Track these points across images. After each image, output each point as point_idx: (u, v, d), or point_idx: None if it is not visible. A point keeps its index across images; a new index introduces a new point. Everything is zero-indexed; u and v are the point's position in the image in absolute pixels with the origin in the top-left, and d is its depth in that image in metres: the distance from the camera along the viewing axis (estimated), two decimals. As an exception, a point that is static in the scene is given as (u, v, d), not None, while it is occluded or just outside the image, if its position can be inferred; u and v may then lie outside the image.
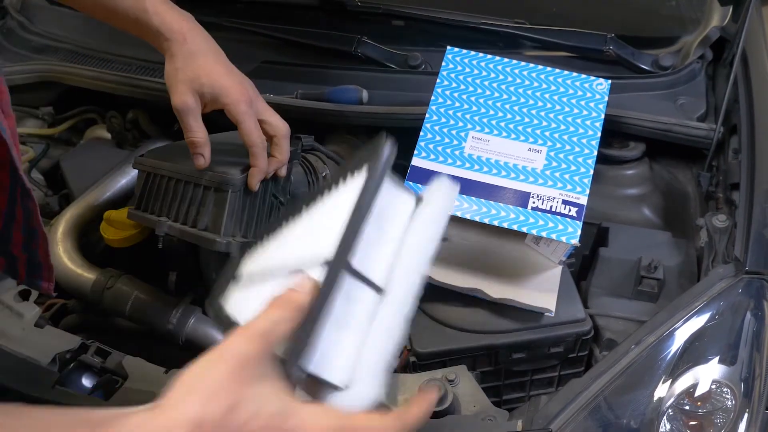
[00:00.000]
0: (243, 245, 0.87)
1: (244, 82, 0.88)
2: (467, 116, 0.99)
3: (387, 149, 0.52)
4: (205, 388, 0.46)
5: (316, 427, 0.47)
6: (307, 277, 0.50)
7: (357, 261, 0.50)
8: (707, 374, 0.79)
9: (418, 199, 0.59)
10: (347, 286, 0.50)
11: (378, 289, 0.52)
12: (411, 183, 0.93)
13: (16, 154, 0.70)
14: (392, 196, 0.56)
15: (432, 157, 0.95)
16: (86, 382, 0.87)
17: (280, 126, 0.91)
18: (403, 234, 0.56)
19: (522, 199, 0.91)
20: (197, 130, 0.85)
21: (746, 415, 0.78)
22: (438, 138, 0.97)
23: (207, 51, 0.87)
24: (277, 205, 0.97)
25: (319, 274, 0.49)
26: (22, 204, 0.77)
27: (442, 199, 0.59)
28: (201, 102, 0.86)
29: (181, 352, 0.96)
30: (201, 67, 0.85)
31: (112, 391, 0.85)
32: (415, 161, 0.95)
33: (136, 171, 0.99)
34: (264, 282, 0.54)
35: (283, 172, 0.94)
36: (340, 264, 0.48)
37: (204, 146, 0.86)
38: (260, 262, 0.56)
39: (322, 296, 0.48)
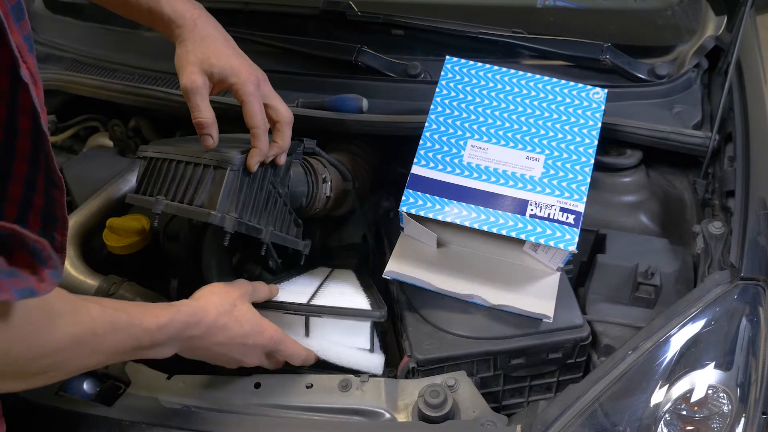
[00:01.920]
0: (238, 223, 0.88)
1: (253, 65, 0.90)
2: (466, 125, 1.00)
3: None
4: (224, 292, 0.85)
5: (271, 329, 0.87)
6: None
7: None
8: (704, 379, 0.80)
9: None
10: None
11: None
12: (411, 191, 0.94)
13: (48, 143, 0.71)
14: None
15: (432, 165, 0.96)
16: (89, 388, 0.88)
17: (284, 112, 0.92)
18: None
19: (520, 206, 0.92)
20: (204, 110, 0.86)
21: (743, 420, 0.78)
22: (437, 146, 0.98)
23: (217, 35, 0.89)
24: (275, 195, 0.98)
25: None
26: (45, 192, 0.78)
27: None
28: (210, 83, 0.87)
29: (182, 358, 0.96)
30: (211, 50, 0.87)
31: (115, 396, 0.86)
32: (415, 169, 0.96)
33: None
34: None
35: (282, 160, 0.95)
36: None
37: (211, 126, 0.87)
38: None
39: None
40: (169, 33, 0.89)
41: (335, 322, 0.92)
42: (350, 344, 0.93)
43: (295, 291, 0.99)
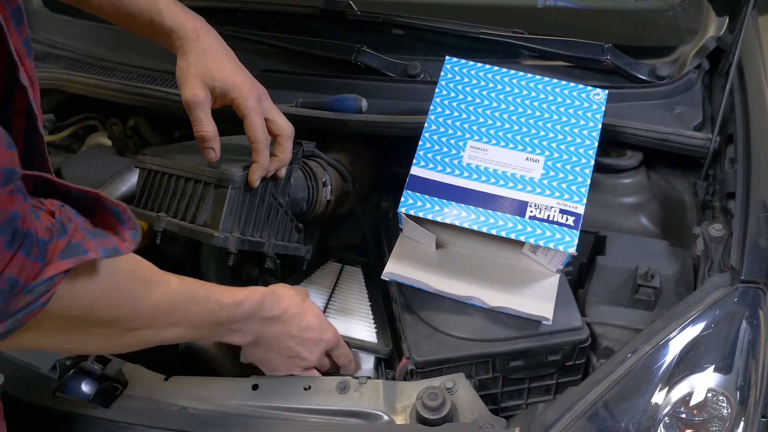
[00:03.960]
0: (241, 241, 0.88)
1: (254, 80, 0.91)
2: (466, 126, 0.99)
3: None
4: (294, 290, 0.89)
5: (331, 328, 0.91)
6: None
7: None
8: (703, 382, 0.80)
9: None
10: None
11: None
12: (410, 192, 0.94)
13: (44, 145, 0.71)
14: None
15: (431, 166, 0.96)
16: (86, 389, 0.87)
17: (284, 126, 0.92)
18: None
19: (520, 208, 0.92)
20: (206, 124, 0.86)
21: (742, 423, 0.78)
22: (437, 147, 0.98)
23: (219, 48, 0.89)
24: (276, 206, 0.97)
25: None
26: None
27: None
28: (211, 96, 0.87)
29: (180, 359, 0.96)
30: (213, 63, 0.87)
31: (112, 398, 0.86)
32: (414, 170, 0.96)
33: (137, 178, 0.99)
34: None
35: (283, 173, 0.95)
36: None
37: (213, 140, 0.87)
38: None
39: None
40: (169, 44, 0.89)
41: None
42: None
43: None
